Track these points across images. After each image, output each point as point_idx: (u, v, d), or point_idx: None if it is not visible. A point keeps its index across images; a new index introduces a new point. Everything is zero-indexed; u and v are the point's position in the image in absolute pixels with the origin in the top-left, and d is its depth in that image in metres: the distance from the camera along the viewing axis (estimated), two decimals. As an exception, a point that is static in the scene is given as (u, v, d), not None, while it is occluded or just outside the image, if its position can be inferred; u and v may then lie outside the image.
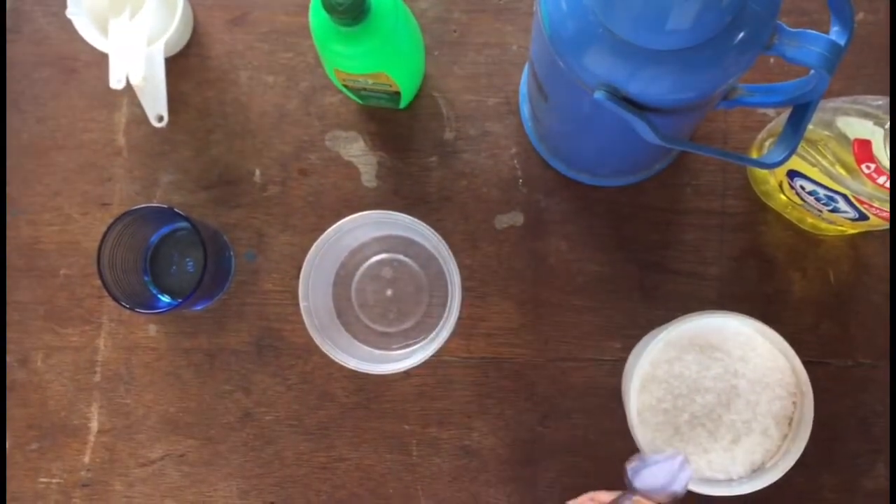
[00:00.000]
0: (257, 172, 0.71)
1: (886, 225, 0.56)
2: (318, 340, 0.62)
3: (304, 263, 0.62)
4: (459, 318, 0.62)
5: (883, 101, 0.51)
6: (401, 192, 0.70)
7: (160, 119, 0.66)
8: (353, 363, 0.62)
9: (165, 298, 0.69)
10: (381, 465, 0.69)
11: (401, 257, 0.70)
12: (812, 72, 0.46)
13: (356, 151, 0.70)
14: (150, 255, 0.70)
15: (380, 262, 0.70)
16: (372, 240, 0.70)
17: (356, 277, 0.70)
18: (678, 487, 0.55)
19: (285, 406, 0.69)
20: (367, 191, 0.70)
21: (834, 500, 0.67)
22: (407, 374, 0.69)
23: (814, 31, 0.43)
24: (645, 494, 0.53)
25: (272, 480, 0.69)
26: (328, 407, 0.69)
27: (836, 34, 0.44)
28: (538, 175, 0.69)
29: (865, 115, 0.51)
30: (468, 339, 0.69)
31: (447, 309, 0.63)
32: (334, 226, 0.62)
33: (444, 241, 0.60)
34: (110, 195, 0.71)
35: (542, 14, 0.46)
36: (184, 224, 0.68)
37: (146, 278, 0.69)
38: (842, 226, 0.62)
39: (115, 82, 0.64)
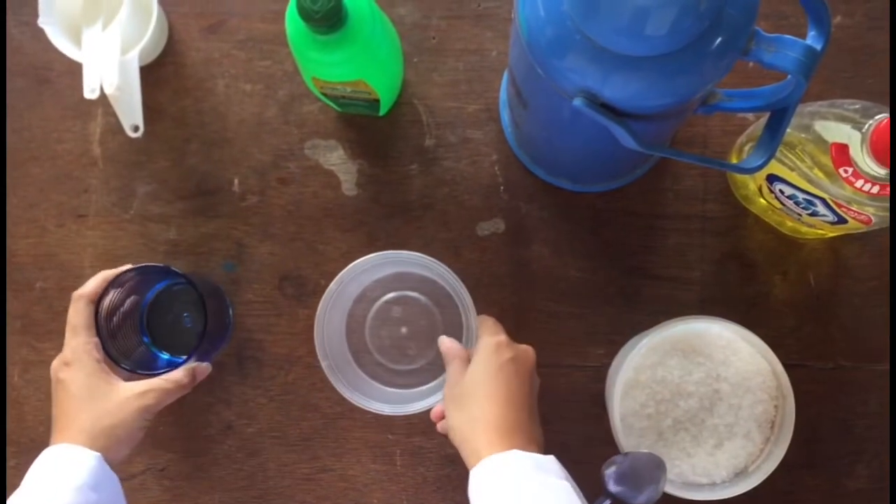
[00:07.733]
0: (236, 182, 0.70)
1: (865, 228, 0.56)
2: (348, 396, 0.62)
3: (316, 323, 0.62)
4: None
5: (860, 104, 0.51)
6: (381, 200, 0.69)
7: (136, 129, 0.66)
8: (388, 409, 0.61)
9: (165, 355, 0.68)
10: (366, 475, 0.69)
11: (409, 293, 0.69)
12: (789, 76, 0.46)
13: (336, 160, 0.70)
14: (146, 312, 0.68)
15: (387, 303, 0.69)
16: (374, 283, 0.69)
17: (368, 323, 0.69)
18: (653, 493, 0.55)
19: (267, 417, 0.69)
20: (348, 199, 0.70)
21: (816, 502, 0.68)
22: (389, 382, 0.68)
23: (791, 37, 0.43)
24: (623, 499, 0.54)
25: (255, 493, 0.69)
26: (311, 417, 0.69)
27: (812, 39, 0.45)
28: (519, 182, 0.69)
29: (843, 119, 0.51)
30: (451, 347, 0.68)
31: (463, 338, 0.62)
32: (335, 279, 0.62)
33: (445, 267, 0.60)
34: (86, 206, 0.70)
35: (520, 20, 0.46)
36: (180, 281, 0.65)
37: (145, 339, 0.67)
38: (821, 229, 0.62)
39: (89, 92, 0.63)
